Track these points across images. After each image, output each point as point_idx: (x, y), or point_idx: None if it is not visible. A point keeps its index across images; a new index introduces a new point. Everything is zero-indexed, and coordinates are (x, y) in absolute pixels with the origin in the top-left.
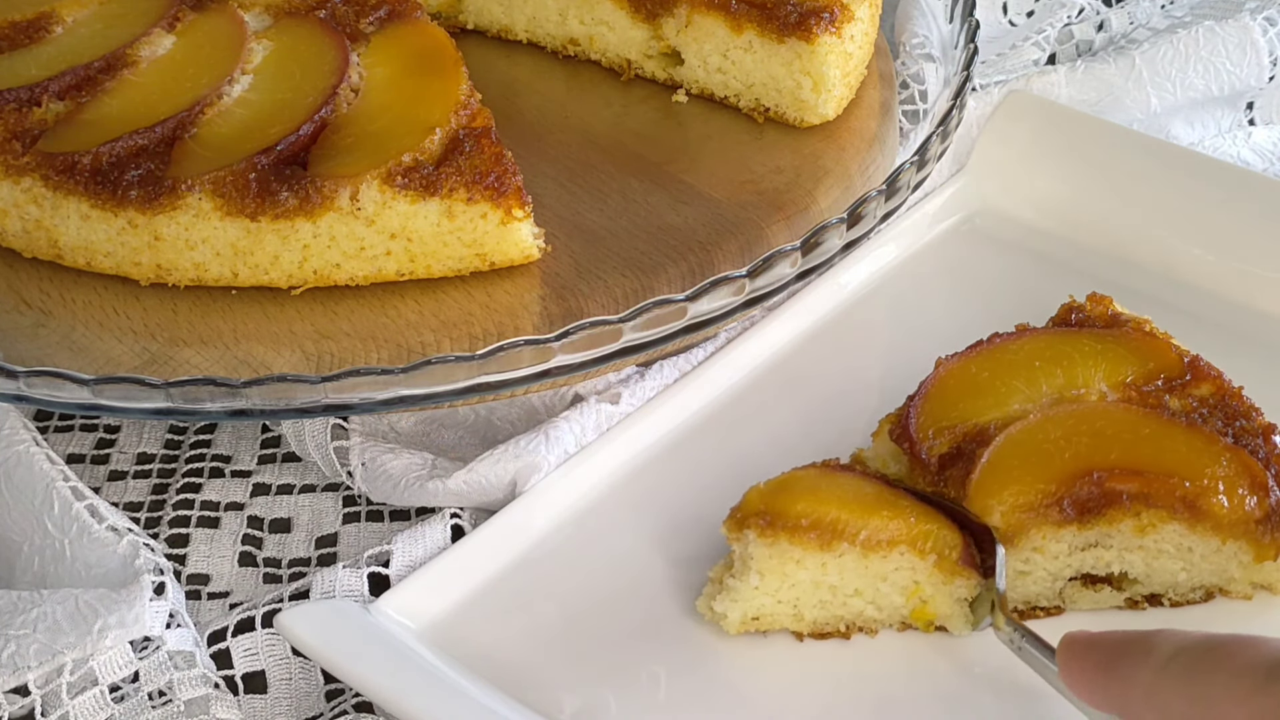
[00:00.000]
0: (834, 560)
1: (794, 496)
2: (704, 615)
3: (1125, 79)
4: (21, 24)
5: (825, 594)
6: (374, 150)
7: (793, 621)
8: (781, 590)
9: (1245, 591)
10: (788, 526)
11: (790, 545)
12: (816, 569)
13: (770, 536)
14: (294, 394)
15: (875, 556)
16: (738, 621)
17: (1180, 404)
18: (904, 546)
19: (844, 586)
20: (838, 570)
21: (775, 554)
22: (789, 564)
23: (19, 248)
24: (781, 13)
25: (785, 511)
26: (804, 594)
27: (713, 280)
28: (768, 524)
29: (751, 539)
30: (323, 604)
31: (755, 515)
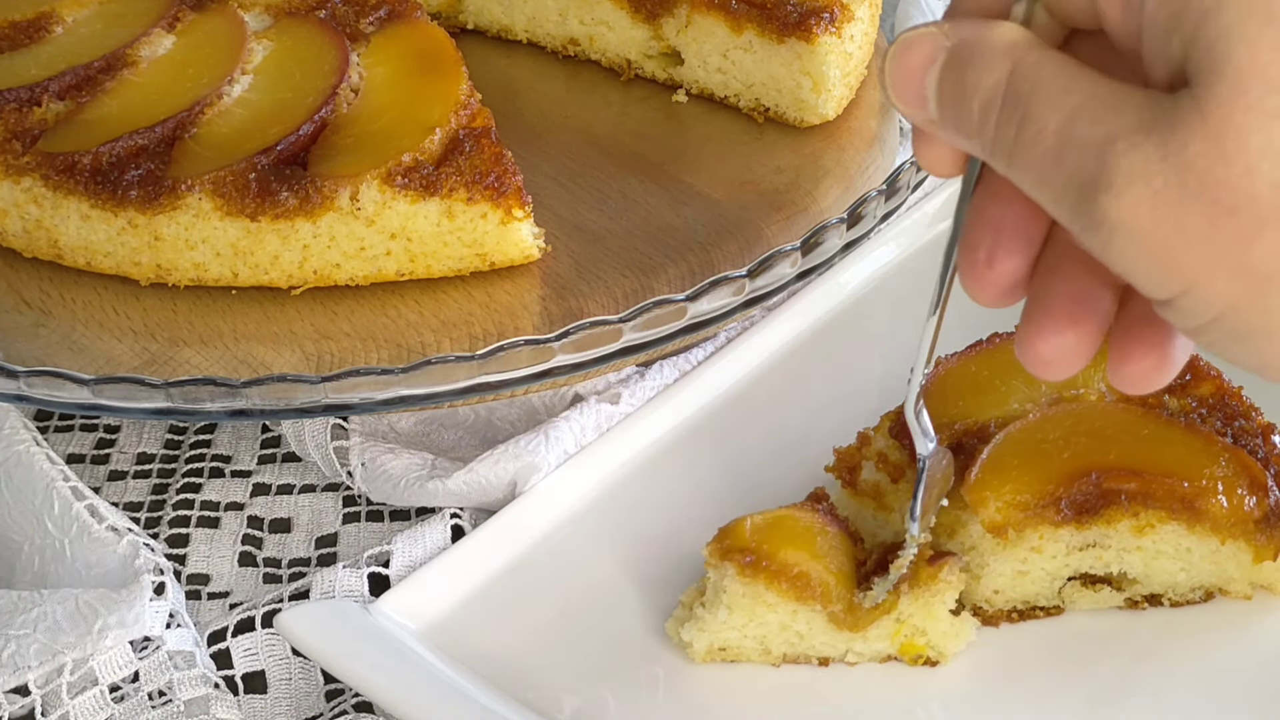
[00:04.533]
0: (805, 612)
1: (782, 541)
2: (671, 639)
3: None
4: (21, 24)
5: (793, 637)
6: (374, 150)
7: (759, 655)
8: (749, 627)
9: (1245, 591)
10: (769, 571)
11: (766, 589)
12: (787, 614)
13: (749, 576)
14: (294, 394)
15: (842, 630)
16: (703, 651)
17: (1179, 404)
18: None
19: (811, 637)
20: (806, 622)
21: (749, 594)
22: (760, 605)
23: (19, 248)
24: (781, 13)
25: (771, 555)
26: (772, 634)
27: (713, 280)
28: (750, 563)
29: (730, 573)
30: (323, 604)
31: (740, 551)
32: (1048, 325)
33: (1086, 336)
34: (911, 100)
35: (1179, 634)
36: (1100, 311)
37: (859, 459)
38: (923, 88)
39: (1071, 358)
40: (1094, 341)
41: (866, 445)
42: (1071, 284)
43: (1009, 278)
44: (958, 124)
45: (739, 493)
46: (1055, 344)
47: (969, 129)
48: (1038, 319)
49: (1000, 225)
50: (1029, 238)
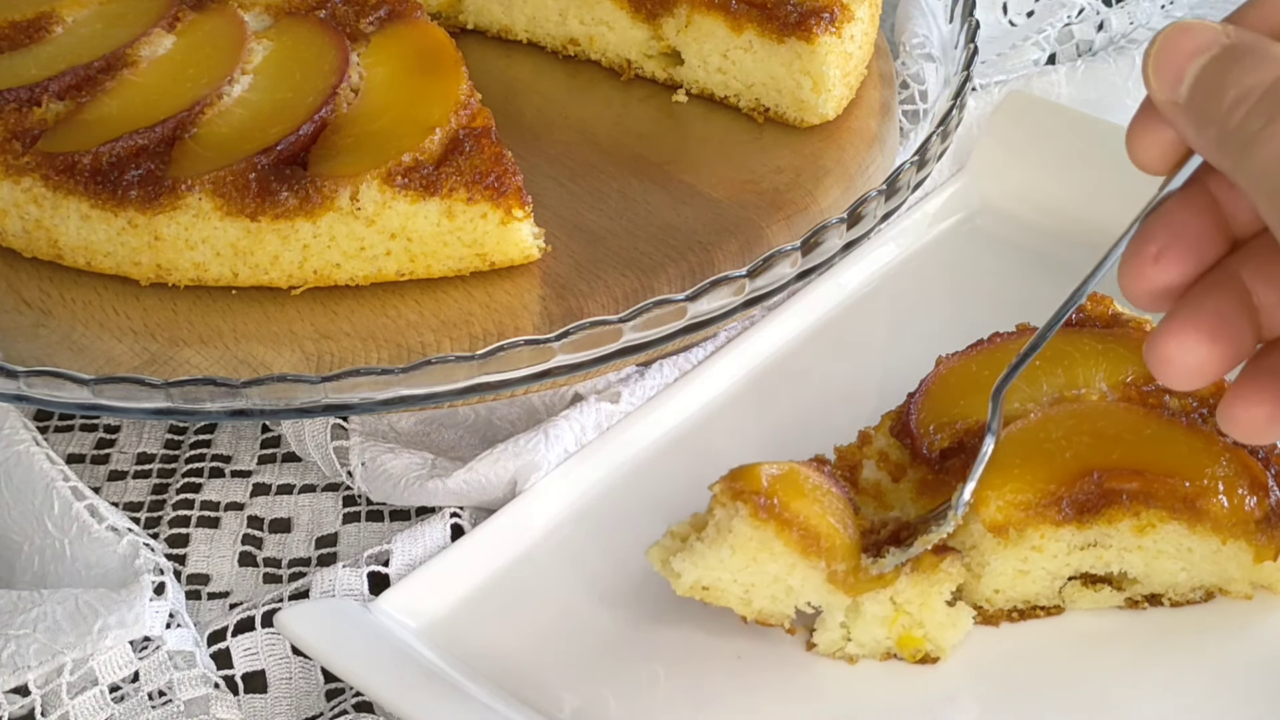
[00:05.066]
0: (805, 567)
1: (796, 493)
2: (653, 564)
3: (1125, 79)
4: (21, 24)
5: (781, 592)
6: (374, 150)
7: (739, 604)
8: (745, 572)
9: (1245, 591)
10: (781, 519)
11: (775, 537)
12: (786, 566)
13: (761, 521)
14: (294, 394)
15: (837, 592)
16: (688, 585)
17: (1180, 404)
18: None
19: (801, 592)
20: (803, 577)
21: (757, 539)
22: (763, 552)
23: (19, 248)
24: (781, 13)
25: (785, 504)
26: (761, 583)
27: (713, 280)
28: (765, 507)
29: (741, 514)
30: (323, 603)
31: (756, 494)
32: (1188, 332)
33: (1218, 357)
34: (1168, 79)
35: (1179, 634)
36: (1240, 343)
37: (860, 458)
38: (1184, 71)
39: (1195, 369)
40: (1222, 364)
41: (867, 444)
42: (1223, 306)
43: (1168, 280)
44: (1203, 111)
45: None
46: (1187, 351)
47: (1212, 117)
48: (1179, 324)
49: (1181, 231)
50: (1202, 253)
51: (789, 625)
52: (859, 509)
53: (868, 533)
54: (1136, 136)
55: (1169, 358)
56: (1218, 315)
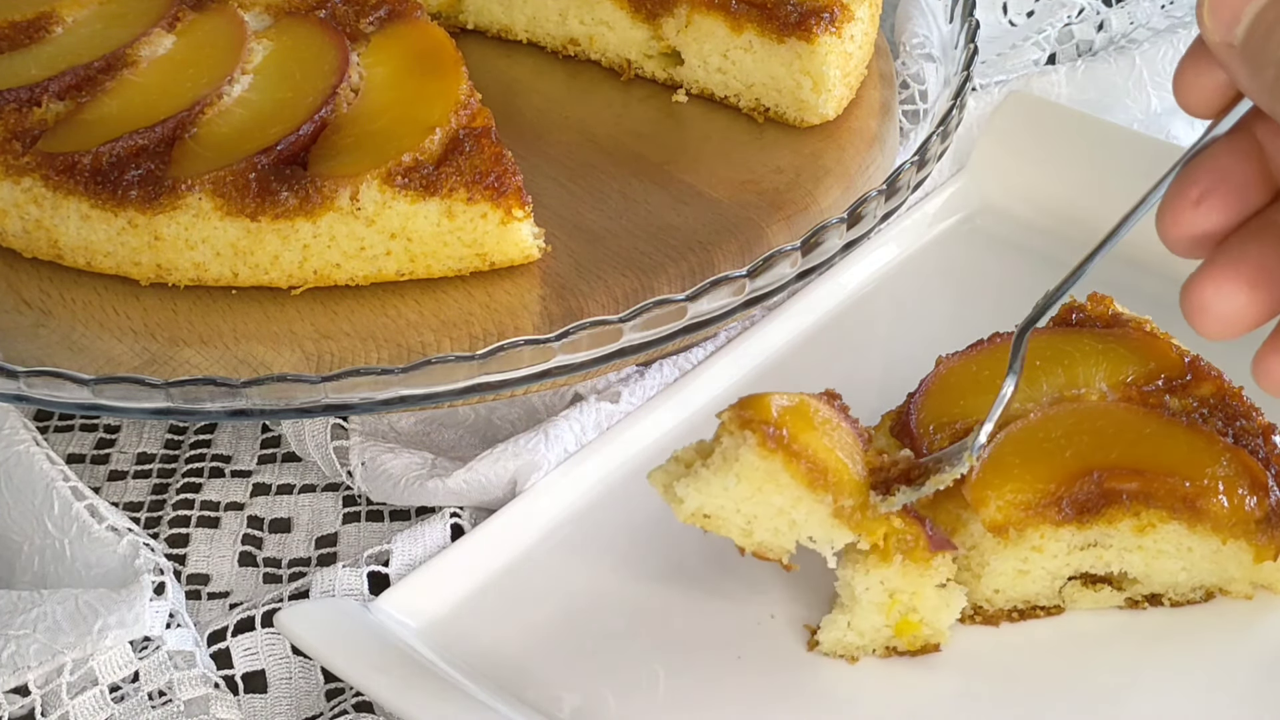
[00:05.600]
0: (810, 501)
1: (806, 426)
2: (654, 487)
3: (1125, 79)
4: (21, 24)
5: (784, 525)
6: (374, 150)
7: (740, 535)
8: (749, 502)
9: (1245, 591)
10: (790, 450)
11: (783, 468)
12: (791, 499)
13: (769, 451)
14: (294, 394)
15: (842, 527)
16: (689, 511)
17: (1180, 404)
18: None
19: (805, 526)
20: (807, 511)
21: (764, 469)
22: (769, 483)
23: (19, 248)
24: (781, 13)
25: (795, 435)
26: (764, 515)
27: (713, 280)
28: (774, 438)
29: (749, 443)
30: (323, 603)
31: (765, 423)
32: (1227, 278)
33: (1257, 305)
34: (1223, 19)
35: (1179, 634)
36: (1278, 293)
37: None
38: (1241, 12)
39: (1231, 317)
40: (1259, 314)
41: (868, 443)
42: (1265, 255)
43: (1208, 225)
44: (1259, 54)
45: None
46: (1225, 298)
47: (1269, 60)
48: (1219, 270)
49: (1226, 176)
50: (1245, 200)
51: (787, 560)
52: (869, 444)
53: (876, 470)
54: (1184, 78)
55: (1205, 304)
56: (1258, 264)
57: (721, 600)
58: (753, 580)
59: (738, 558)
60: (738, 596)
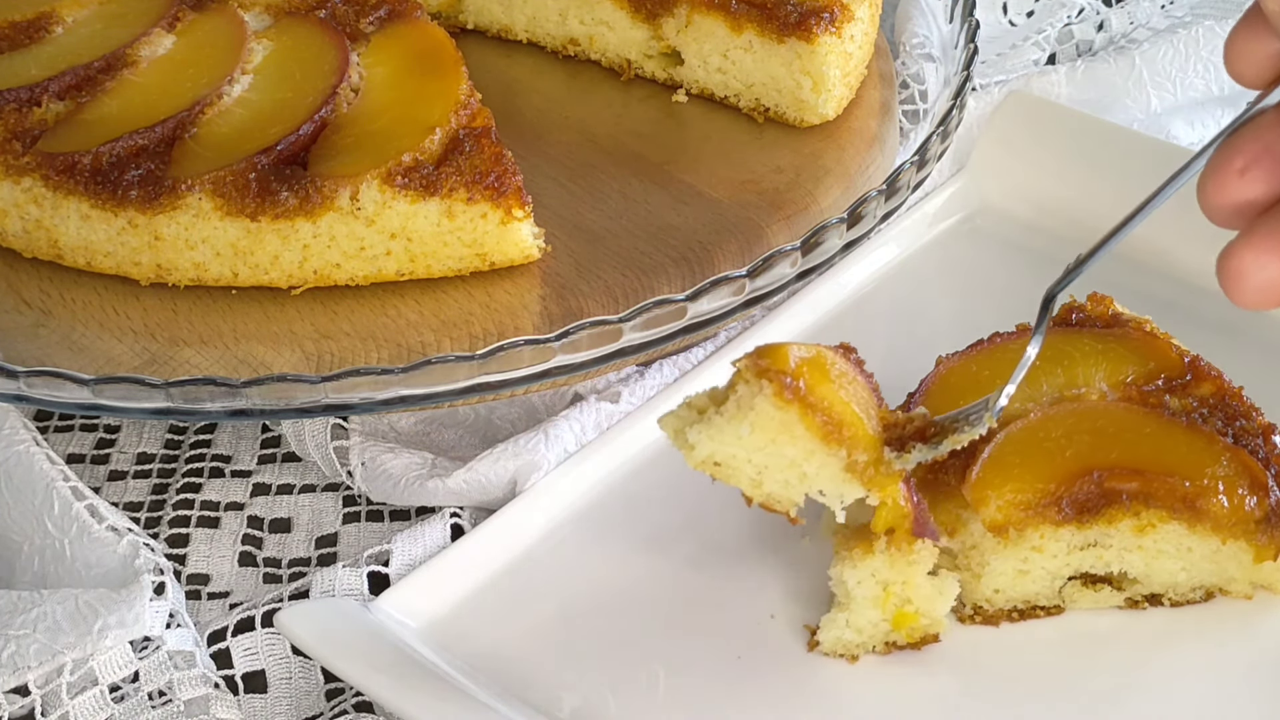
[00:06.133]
0: (824, 455)
1: (824, 377)
2: (665, 432)
3: (1125, 79)
4: (21, 24)
5: (794, 477)
6: (374, 150)
7: (749, 485)
8: (760, 452)
9: (1245, 591)
10: (806, 402)
11: (799, 420)
12: (804, 452)
13: (785, 402)
14: (294, 394)
15: (853, 482)
16: (700, 457)
17: (1180, 404)
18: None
19: (816, 479)
20: (820, 465)
21: (779, 420)
22: (783, 434)
23: (19, 248)
24: (781, 13)
25: (812, 387)
26: (775, 466)
27: (713, 280)
28: (791, 388)
29: (766, 392)
30: (323, 603)
31: (782, 373)
32: (1266, 248)
33: None
34: None
35: (1179, 634)
36: None
37: None
38: None
39: (1269, 287)
40: None
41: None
42: None
43: (1251, 194)
44: None
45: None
46: (1263, 267)
47: None
48: (1259, 239)
49: (1271, 147)
50: None
51: (794, 514)
52: (882, 401)
53: (891, 426)
54: (1236, 47)
55: (1242, 271)
56: None
57: (721, 600)
58: (753, 580)
59: (738, 558)
60: (738, 596)
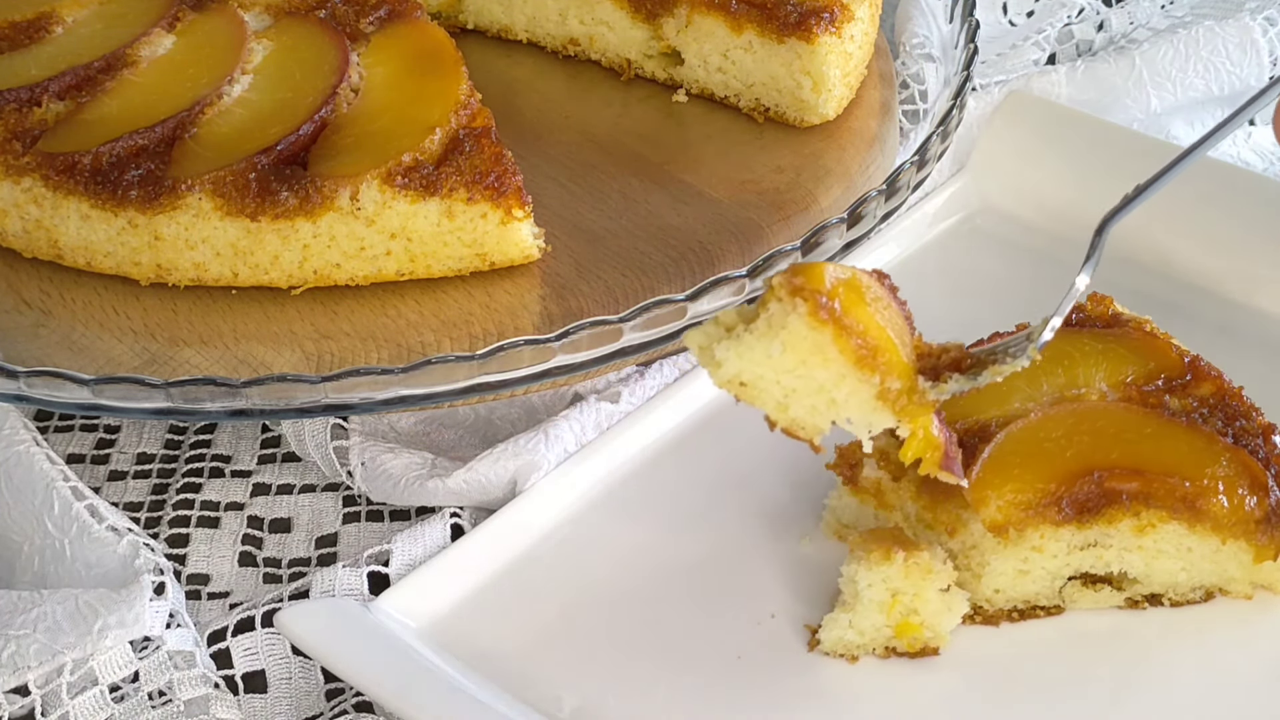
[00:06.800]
0: (855, 381)
1: (861, 300)
2: (690, 348)
3: (1125, 79)
4: (21, 24)
5: (823, 403)
6: (374, 150)
7: (775, 408)
8: (787, 375)
9: (1245, 591)
10: (842, 325)
11: (832, 343)
12: (835, 376)
13: (821, 322)
14: (294, 394)
15: (884, 411)
16: (727, 376)
17: (1180, 404)
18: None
19: (845, 406)
20: (850, 391)
21: (812, 341)
22: (815, 356)
23: (19, 248)
24: (781, 13)
25: (849, 308)
26: (804, 390)
27: (713, 280)
28: (827, 308)
29: (800, 312)
30: (323, 603)
31: (818, 293)
32: None
33: None
34: None
35: (1179, 634)
36: None
37: (860, 456)
38: None
39: None
40: None
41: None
42: None
43: None
44: None
45: (739, 492)
46: None
47: None
48: None
49: None
50: None
51: (818, 443)
52: (914, 329)
53: (925, 356)
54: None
55: None
56: None
57: (721, 600)
58: (753, 580)
59: (738, 558)
60: (738, 596)
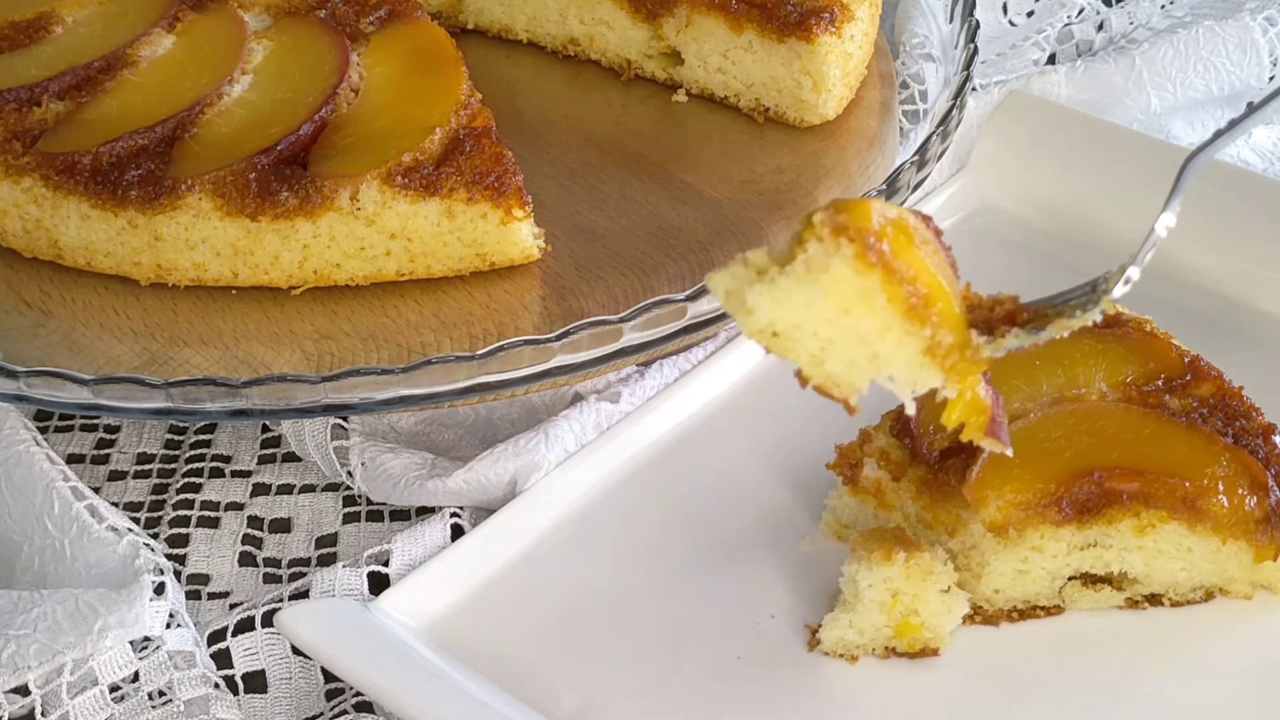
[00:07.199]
0: (901, 333)
1: (912, 242)
2: (714, 293)
3: (1125, 79)
4: (21, 24)
5: (863, 356)
6: (374, 150)
7: (810, 362)
8: (829, 324)
9: (1245, 591)
10: (892, 268)
11: (881, 289)
12: (880, 327)
13: (869, 266)
14: (294, 394)
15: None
16: (760, 325)
17: (1180, 404)
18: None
19: (889, 361)
20: (895, 344)
21: (858, 287)
22: (861, 305)
23: (19, 248)
24: (781, 13)
25: (898, 251)
26: (843, 342)
27: None
28: (875, 249)
29: (845, 254)
30: (323, 603)
31: (864, 232)
32: None
33: None
34: None
35: (1179, 634)
36: None
37: (860, 456)
38: None
39: None
40: None
41: (868, 442)
42: None
43: None
44: None
45: (739, 492)
46: None
47: None
48: None
49: None
50: None
51: (854, 403)
52: (959, 278)
53: (975, 308)
54: None
55: None
56: None
57: (721, 600)
58: (753, 580)
59: (738, 558)
60: (738, 596)
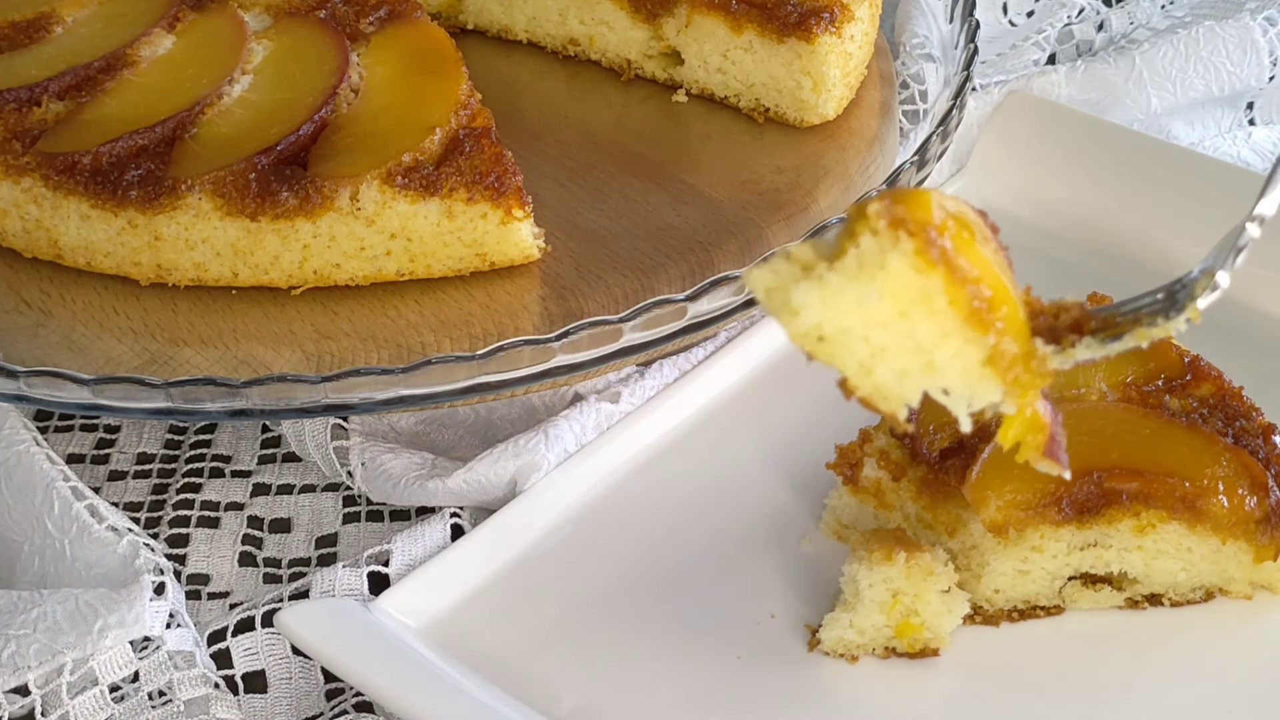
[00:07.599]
0: (963, 340)
1: (974, 241)
2: (754, 291)
3: (1125, 79)
4: (21, 24)
5: (918, 365)
6: (374, 150)
7: (858, 370)
8: (883, 329)
9: (1245, 591)
10: (954, 267)
11: (943, 290)
12: (939, 333)
13: (930, 264)
14: (294, 394)
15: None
16: (805, 328)
17: (1180, 404)
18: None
19: (946, 372)
20: (954, 352)
21: (918, 287)
22: (922, 306)
23: (19, 248)
24: (781, 13)
25: (961, 249)
26: (898, 349)
27: (713, 280)
28: (936, 246)
29: (905, 249)
30: (323, 603)
31: (925, 226)
32: None
33: None
34: None
35: (1179, 634)
36: None
37: (860, 456)
38: None
39: None
40: None
41: (868, 442)
42: None
43: None
44: None
45: (739, 491)
46: None
47: None
48: None
49: None
50: None
51: (904, 418)
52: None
53: (1036, 314)
54: None
55: None
56: None
57: (721, 600)
58: (753, 580)
59: (738, 558)
60: (738, 596)
